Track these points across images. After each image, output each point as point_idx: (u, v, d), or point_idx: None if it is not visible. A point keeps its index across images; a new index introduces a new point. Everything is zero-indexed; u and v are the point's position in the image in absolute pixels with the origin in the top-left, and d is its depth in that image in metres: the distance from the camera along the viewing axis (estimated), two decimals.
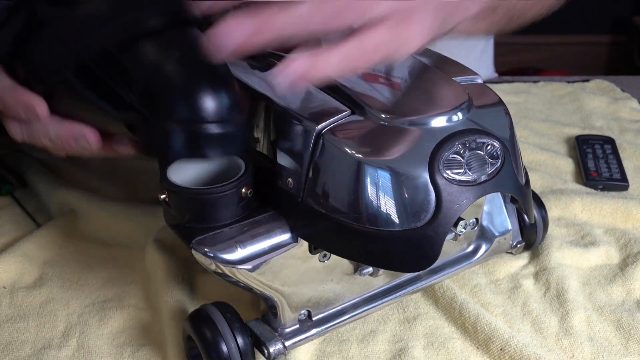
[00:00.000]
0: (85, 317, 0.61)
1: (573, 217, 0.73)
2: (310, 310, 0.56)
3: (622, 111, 0.94)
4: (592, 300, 0.63)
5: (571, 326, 0.59)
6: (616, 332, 0.59)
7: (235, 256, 0.50)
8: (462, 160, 0.48)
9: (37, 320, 0.61)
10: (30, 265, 0.67)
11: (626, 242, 0.69)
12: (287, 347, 0.54)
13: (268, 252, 0.51)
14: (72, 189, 0.75)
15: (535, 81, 1.03)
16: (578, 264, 0.67)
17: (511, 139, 0.52)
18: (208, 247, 0.49)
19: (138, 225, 0.70)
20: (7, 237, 0.71)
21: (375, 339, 0.59)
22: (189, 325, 0.54)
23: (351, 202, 0.48)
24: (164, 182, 0.51)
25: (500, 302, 0.62)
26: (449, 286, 0.62)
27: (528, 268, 0.66)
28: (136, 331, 0.60)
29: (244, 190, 0.51)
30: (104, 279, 0.66)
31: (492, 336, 0.57)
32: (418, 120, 0.49)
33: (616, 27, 2.44)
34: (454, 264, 0.62)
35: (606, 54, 2.49)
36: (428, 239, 0.48)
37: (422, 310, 0.62)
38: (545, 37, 2.40)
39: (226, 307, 0.54)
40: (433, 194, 0.48)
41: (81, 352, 0.58)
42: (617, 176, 0.78)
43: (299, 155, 0.50)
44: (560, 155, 0.84)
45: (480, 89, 0.55)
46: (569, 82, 1.02)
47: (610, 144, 0.84)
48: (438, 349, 0.58)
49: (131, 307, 0.62)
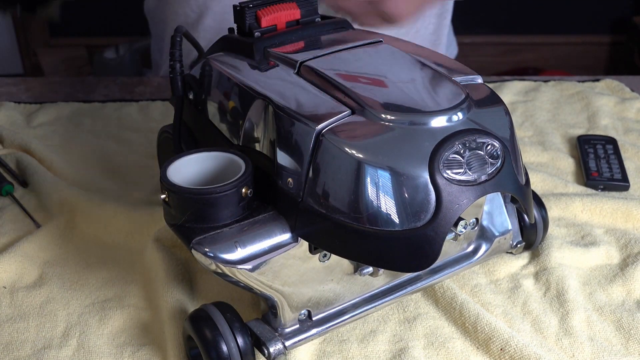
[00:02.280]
0: (85, 317, 0.61)
1: (573, 217, 0.73)
2: (310, 310, 0.56)
3: (629, 111, 0.94)
4: (592, 300, 0.63)
5: (571, 326, 0.59)
6: (616, 332, 0.59)
7: (235, 256, 0.50)
8: (462, 160, 0.48)
9: (37, 320, 0.61)
10: (30, 265, 0.67)
11: (626, 242, 0.69)
12: (287, 347, 0.54)
13: (268, 252, 0.51)
14: (72, 189, 0.75)
15: (545, 80, 1.03)
16: (578, 264, 0.67)
17: (511, 138, 0.52)
18: (208, 247, 0.49)
19: (138, 225, 0.70)
20: (7, 237, 0.71)
21: (375, 338, 0.59)
22: (189, 325, 0.54)
23: (351, 202, 0.48)
24: (164, 182, 0.51)
25: (501, 302, 0.62)
26: (449, 286, 0.62)
27: (528, 268, 0.66)
28: (136, 331, 0.60)
29: (244, 190, 0.51)
30: (104, 279, 0.66)
31: (492, 336, 0.57)
32: (418, 120, 0.49)
33: (616, 27, 2.44)
34: (454, 264, 0.62)
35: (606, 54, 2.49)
36: (428, 239, 0.48)
37: (422, 310, 0.62)
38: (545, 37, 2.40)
39: (226, 307, 0.54)
40: (433, 194, 0.48)
41: (81, 352, 0.58)
42: (618, 176, 0.78)
43: (299, 155, 0.50)
44: (562, 155, 0.84)
45: (481, 89, 0.55)
46: (579, 81, 1.02)
47: (612, 144, 0.84)
48: (438, 349, 0.58)
49: (131, 307, 0.62)
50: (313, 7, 0.63)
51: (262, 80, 0.56)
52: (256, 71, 0.58)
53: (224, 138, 0.60)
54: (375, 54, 0.58)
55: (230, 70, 0.59)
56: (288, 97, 0.52)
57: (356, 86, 0.52)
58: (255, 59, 0.59)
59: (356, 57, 0.57)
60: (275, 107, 0.52)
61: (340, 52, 0.58)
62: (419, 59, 0.58)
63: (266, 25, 0.61)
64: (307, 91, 0.53)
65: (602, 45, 2.47)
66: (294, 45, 0.60)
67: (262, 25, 0.60)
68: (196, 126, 0.65)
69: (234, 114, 0.58)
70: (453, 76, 0.56)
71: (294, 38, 0.61)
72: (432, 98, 0.52)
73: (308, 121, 0.49)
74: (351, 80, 0.53)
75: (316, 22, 0.63)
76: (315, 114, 0.50)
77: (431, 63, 0.58)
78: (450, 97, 0.52)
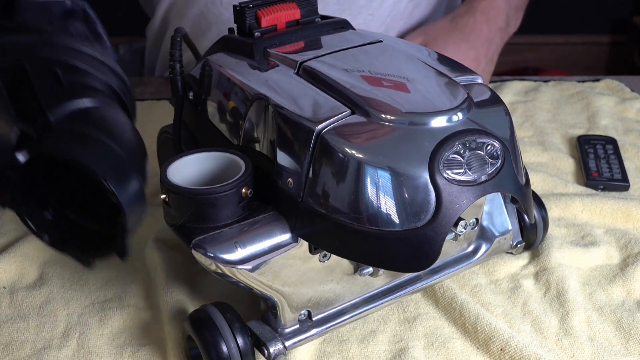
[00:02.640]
0: (85, 317, 0.61)
1: (573, 217, 0.73)
2: (310, 311, 0.56)
3: (629, 111, 0.94)
4: (592, 301, 0.63)
5: (571, 326, 0.59)
6: (616, 332, 0.59)
7: (235, 256, 0.50)
8: (462, 160, 0.48)
9: (37, 321, 0.61)
10: (30, 265, 0.67)
11: (626, 243, 0.69)
12: (287, 347, 0.54)
13: (268, 252, 0.51)
14: None
15: (545, 80, 1.02)
16: (578, 264, 0.67)
17: (511, 138, 0.52)
18: (208, 247, 0.49)
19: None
20: (7, 237, 0.71)
21: (375, 339, 0.59)
22: (189, 325, 0.54)
23: (351, 202, 0.48)
24: (164, 182, 0.51)
25: (501, 302, 0.62)
26: (449, 286, 0.62)
27: (528, 268, 0.66)
28: (136, 331, 0.60)
29: (244, 190, 0.51)
30: (104, 279, 0.66)
31: (492, 336, 0.57)
32: (418, 120, 0.49)
33: (616, 27, 2.44)
34: (454, 264, 0.62)
35: (606, 54, 2.48)
36: (428, 239, 0.48)
37: (422, 311, 0.61)
38: (545, 37, 2.40)
39: (226, 307, 0.54)
40: (433, 194, 0.48)
41: (81, 352, 0.58)
42: (618, 176, 0.78)
43: (299, 156, 0.50)
44: (562, 156, 0.84)
45: (481, 89, 0.55)
46: (579, 81, 1.02)
47: (612, 144, 0.84)
48: (438, 349, 0.58)
49: (131, 307, 0.62)
50: (313, 7, 0.63)
51: (262, 81, 0.56)
52: (256, 71, 0.58)
53: (223, 138, 0.60)
54: (375, 54, 0.58)
55: (230, 71, 0.59)
56: (288, 97, 0.52)
57: (356, 86, 0.52)
58: (255, 59, 0.59)
59: (356, 57, 0.57)
60: (275, 107, 0.52)
61: (341, 52, 0.58)
62: (419, 59, 0.58)
63: (266, 26, 0.61)
64: (307, 91, 0.53)
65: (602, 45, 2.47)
66: (294, 46, 0.60)
67: (262, 26, 0.60)
68: (196, 126, 0.65)
69: (233, 114, 0.58)
70: (453, 76, 0.56)
71: (294, 38, 0.61)
72: (432, 98, 0.52)
73: (308, 121, 0.49)
74: (351, 80, 0.53)
75: (316, 22, 0.63)
76: (315, 114, 0.50)
77: (431, 63, 0.58)
78: (451, 97, 0.52)
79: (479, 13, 0.82)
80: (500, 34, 0.83)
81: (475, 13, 0.82)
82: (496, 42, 0.82)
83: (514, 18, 0.89)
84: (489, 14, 0.83)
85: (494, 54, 0.82)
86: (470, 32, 0.80)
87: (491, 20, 0.82)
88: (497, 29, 0.83)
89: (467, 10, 0.83)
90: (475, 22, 0.81)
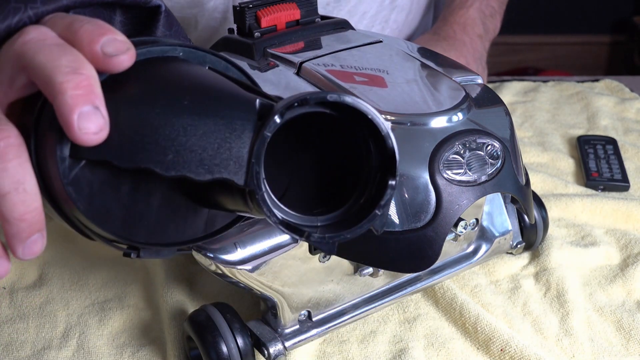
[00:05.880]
0: (85, 318, 0.61)
1: (573, 218, 0.73)
2: (310, 311, 0.56)
3: (629, 111, 0.94)
4: (593, 301, 0.63)
5: (571, 327, 0.59)
6: (616, 332, 0.59)
7: (235, 256, 0.50)
8: (462, 161, 0.48)
9: (37, 321, 0.61)
10: (30, 265, 0.67)
11: (626, 243, 0.69)
12: (287, 347, 0.54)
13: (268, 252, 0.51)
14: None
15: (545, 80, 1.03)
16: (578, 264, 0.67)
17: (511, 139, 0.52)
18: (208, 247, 0.49)
19: None
20: None
21: (375, 339, 0.59)
22: (189, 325, 0.54)
23: None
24: None
25: (501, 302, 0.62)
26: (449, 287, 0.62)
27: (528, 268, 0.66)
28: (136, 331, 0.60)
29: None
30: (104, 279, 0.66)
31: (493, 337, 0.57)
32: (418, 121, 0.49)
33: (616, 27, 2.44)
34: (454, 265, 0.62)
35: (606, 54, 2.49)
36: (428, 239, 0.48)
37: (423, 311, 0.61)
38: (545, 37, 2.40)
39: (226, 308, 0.54)
40: (433, 195, 0.48)
41: (81, 353, 0.58)
42: (618, 177, 0.78)
43: None
44: (562, 156, 0.84)
45: (481, 89, 0.55)
46: (578, 81, 1.02)
47: (612, 144, 0.84)
48: (438, 349, 0.58)
49: (131, 307, 0.62)
50: (313, 7, 0.63)
51: (262, 81, 0.56)
52: (256, 71, 0.58)
53: None
54: (375, 54, 0.58)
55: None
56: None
57: (356, 86, 0.52)
58: (255, 59, 0.59)
59: (356, 57, 0.57)
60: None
61: (340, 52, 0.58)
62: (419, 59, 0.58)
63: (266, 26, 0.61)
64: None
65: (602, 45, 2.47)
66: (294, 46, 0.60)
67: (262, 26, 0.60)
68: None
69: None
70: (453, 76, 0.55)
71: (294, 38, 0.61)
72: (432, 98, 0.52)
73: None
74: (351, 80, 0.53)
75: (316, 23, 0.63)
76: None
77: (431, 63, 0.58)
78: (451, 97, 0.52)
79: (455, 25, 0.86)
80: (481, 41, 0.86)
81: (452, 25, 0.86)
82: (479, 49, 0.84)
83: (491, 23, 0.91)
84: (465, 25, 0.86)
85: (482, 59, 0.85)
86: (454, 41, 0.83)
87: (469, 30, 0.86)
88: (477, 37, 0.86)
89: (444, 24, 0.87)
90: (455, 32, 0.85)
